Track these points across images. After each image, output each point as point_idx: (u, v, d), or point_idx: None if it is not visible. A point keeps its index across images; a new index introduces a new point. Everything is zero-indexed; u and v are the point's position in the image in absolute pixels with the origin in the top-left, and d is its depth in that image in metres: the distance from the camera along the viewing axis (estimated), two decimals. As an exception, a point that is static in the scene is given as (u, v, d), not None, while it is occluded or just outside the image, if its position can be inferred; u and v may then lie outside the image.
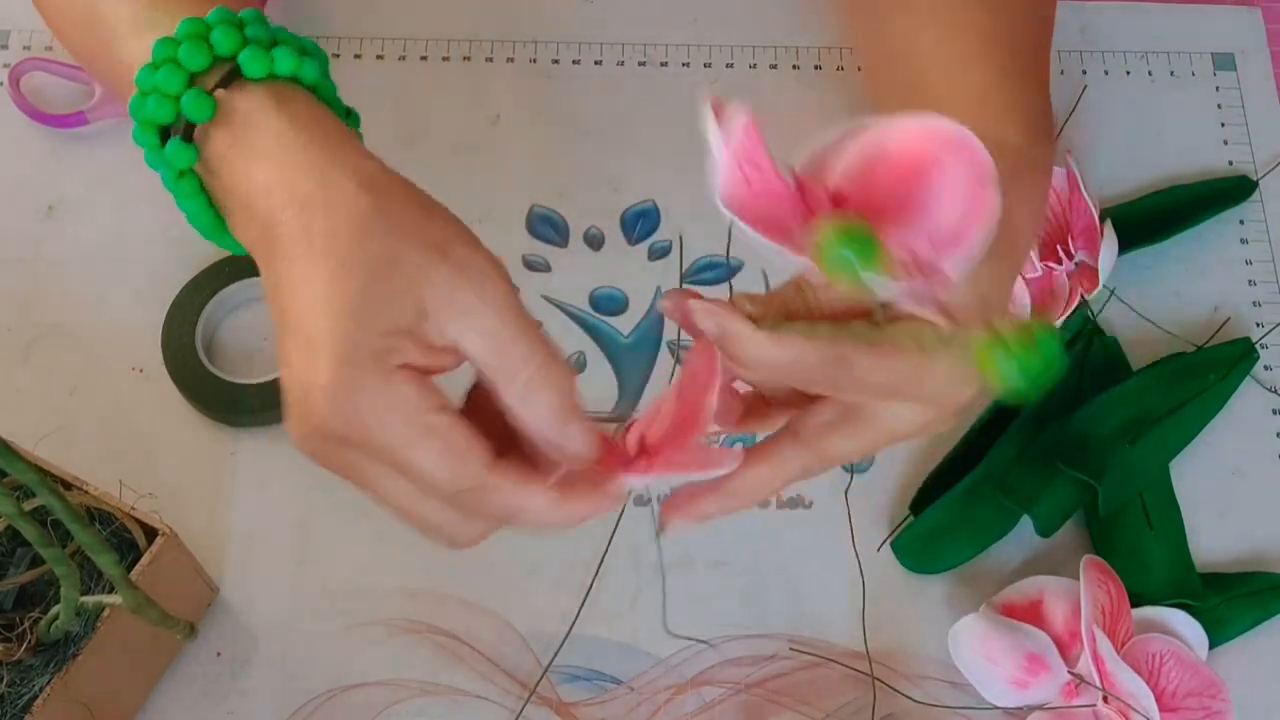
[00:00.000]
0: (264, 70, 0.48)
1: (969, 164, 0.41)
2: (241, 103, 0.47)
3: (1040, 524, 0.67)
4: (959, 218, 0.41)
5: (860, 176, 0.42)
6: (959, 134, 0.41)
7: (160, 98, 0.47)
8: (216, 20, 0.48)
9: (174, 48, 0.48)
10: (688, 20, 0.83)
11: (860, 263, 0.38)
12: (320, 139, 0.47)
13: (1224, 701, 0.62)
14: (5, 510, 0.44)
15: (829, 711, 0.64)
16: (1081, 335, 0.72)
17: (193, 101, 0.47)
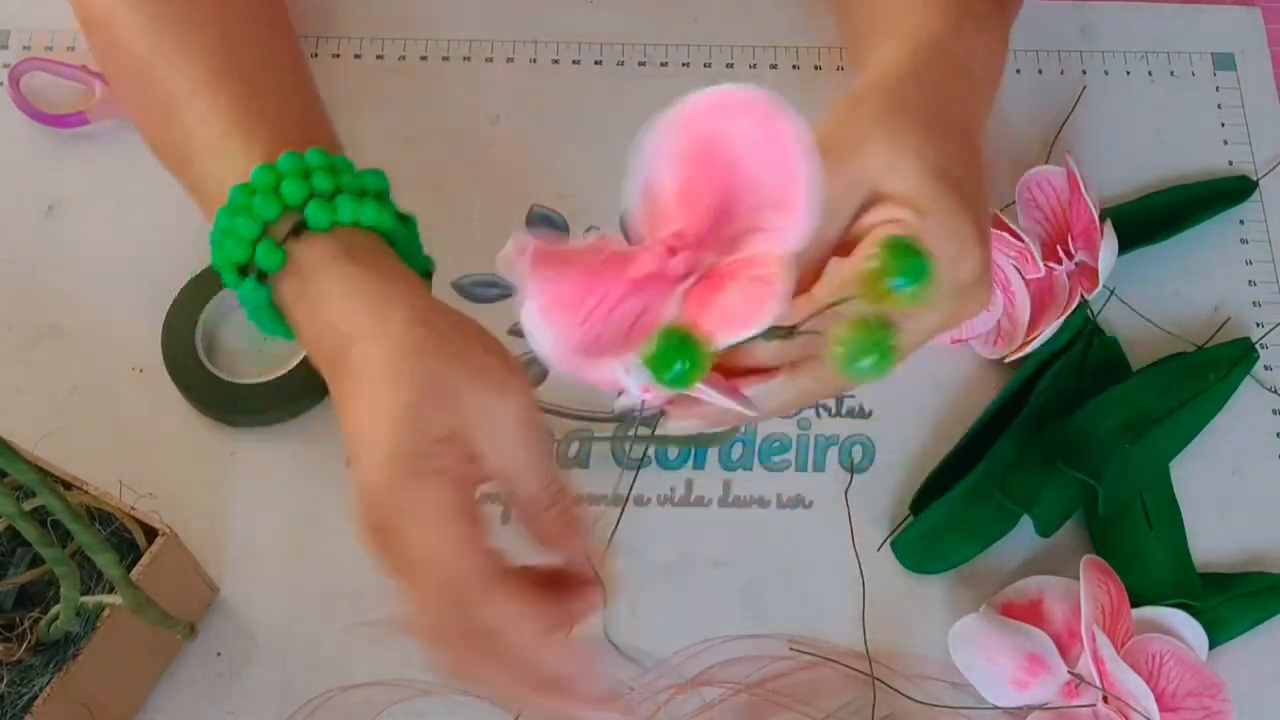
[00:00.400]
0: (328, 222, 0.53)
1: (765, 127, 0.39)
2: (307, 254, 0.53)
3: (1040, 524, 0.67)
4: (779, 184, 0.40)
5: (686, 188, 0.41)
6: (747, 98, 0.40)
7: (237, 241, 0.53)
8: (288, 169, 0.53)
9: (250, 195, 0.53)
10: (688, 20, 0.83)
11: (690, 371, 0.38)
12: (376, 279, 0.52)
13: (1224, 701, 0.62)
14: (5, 510, 0.44)
15: (829, 711, 0.64)
16: (1081, 335, 0.72)
17: (265, 253, 0.53)
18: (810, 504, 0.69)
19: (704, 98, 0.40)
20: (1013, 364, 0.72)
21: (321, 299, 0.52)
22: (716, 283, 0.40)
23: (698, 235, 0.40)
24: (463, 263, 0.73)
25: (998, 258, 0.71)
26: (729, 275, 0.40)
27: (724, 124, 0.40)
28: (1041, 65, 0.82)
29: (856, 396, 0.72)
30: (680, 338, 0.37)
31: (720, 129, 0.40)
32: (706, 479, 0.69)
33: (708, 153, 0.40)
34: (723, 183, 0.40)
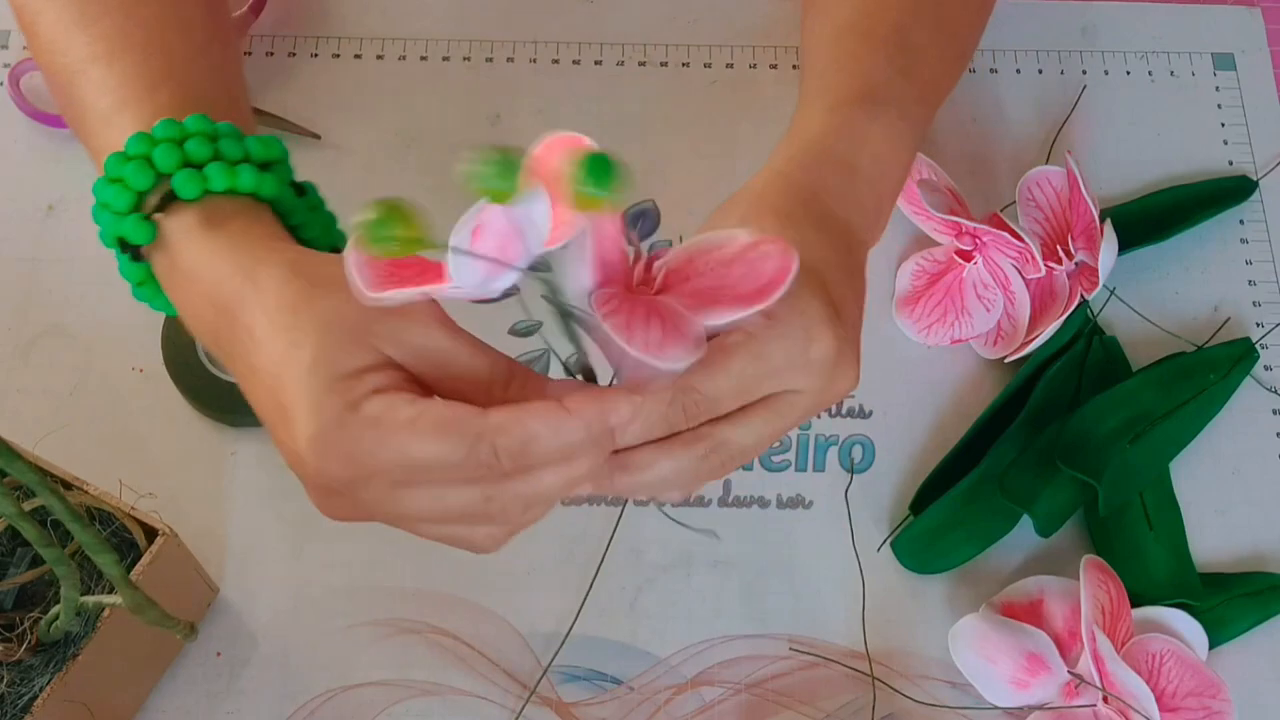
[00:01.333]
0: (197, 191, 0.51)
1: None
2: (172, 225, 0.51)
3: (1040, 524, 0.67)
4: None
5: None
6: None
7: (111, 214, 0.51)
8: (162, 136, 0.51)
9: (123, 165, 0.51)
10: (688, 20, 0.83)
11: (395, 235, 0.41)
12: (241, 243, 0.50)
13: (1224, 701, 0.62)
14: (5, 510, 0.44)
15: (829, 711, 0.64)
16: (1081, 335, 0.72)
17: (133, 226, 0.51)
18: (810, 504, 0.69)
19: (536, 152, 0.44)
20: (1013, 364, 0.72)
21: (191, 273, 0.50)
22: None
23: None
24: (463, 263, 0.73)
25: (998, 258, 0.71)
26: None
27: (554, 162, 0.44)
28: (1041, 65, 0.82)
29: (856, 396, 0.72)
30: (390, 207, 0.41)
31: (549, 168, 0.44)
32: (706, 479, 0.69)
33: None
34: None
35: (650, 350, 0.43)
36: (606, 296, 0.44)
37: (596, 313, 0.43)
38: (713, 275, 0.46)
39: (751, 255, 0.46)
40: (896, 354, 0.73)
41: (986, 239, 0.70)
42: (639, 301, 0.44)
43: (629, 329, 0.43)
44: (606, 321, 0.43)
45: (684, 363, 0.44)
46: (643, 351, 0.42)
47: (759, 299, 0.45)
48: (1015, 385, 0.71)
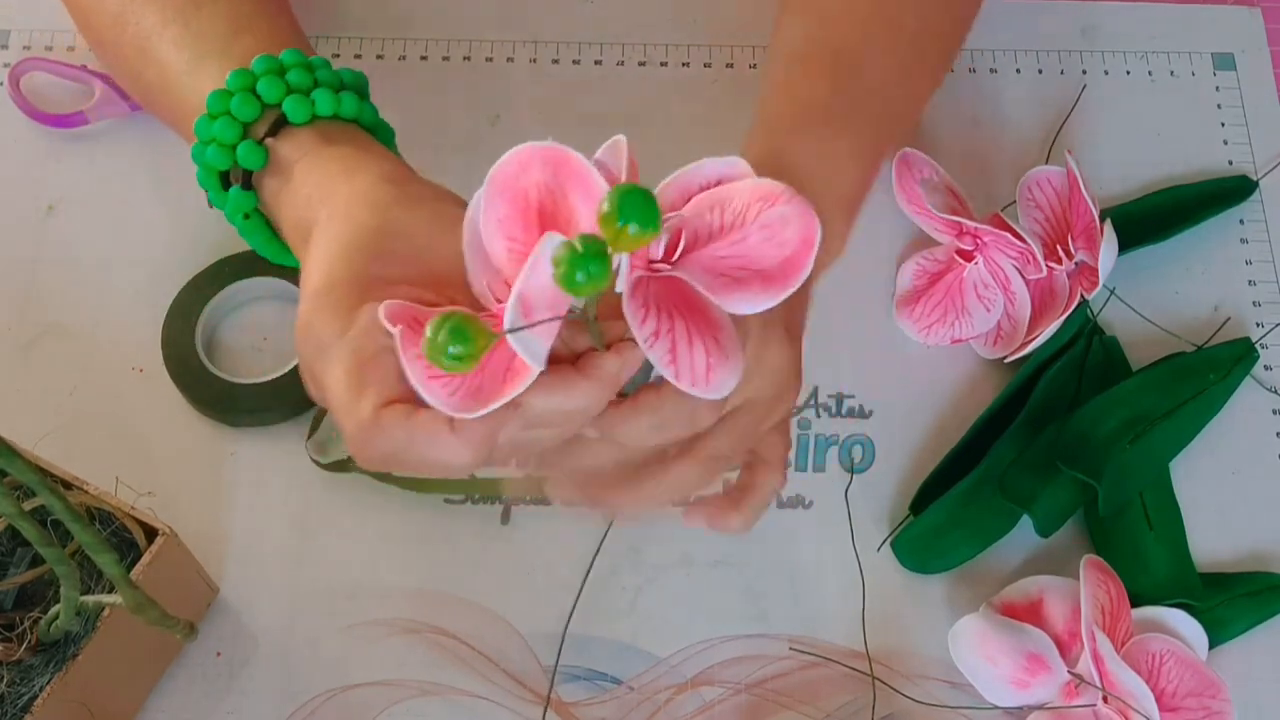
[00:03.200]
0: (306, 115, 0.54)
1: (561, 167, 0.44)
2: (287, 147, 0.54)
3: (1040, 524, 0.67)
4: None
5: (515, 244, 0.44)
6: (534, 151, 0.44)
7: (218, 147, 0.54)
8: (262, 70, 0.55)
9: (226, 100, 0.54)
10: (688, 20, 0.83)
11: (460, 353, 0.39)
12: (351, 151, 0.53)
13: (1224, 701, 0.62)
14: (5, 510, 0.44)
15: (829, 711, 0.64)
16: (1081, 335, 0.72)
17: (247, 152, 0.54)
18: (810, 504, 0.69)
19: (503, 167, 0.43)
20: (1013, 364, 0.72)
21: (301, 194, 0.52)
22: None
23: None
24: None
25: (999, 258, 0.71)
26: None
27: (526, 179, 0.44)
28: (1041, 65, 0.82)
29: (856, 396, 0.72)
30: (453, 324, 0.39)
31: (526, 186, 0.44)
32: (706, 479, 0.69)
33: (525, 208, 0.44)
34: (546, 228, 0.43)
35: (697, 382, 0.43)
36: (641, 311, 0.43)
37: (638, 337, 0.43)
38: (730, 242, 0.45)
39: (768, 217, 0.45)
40: (896, 354, 0.73)
41: (987, 239, 0.70)
42: (676, 315, 0.44)
43: (674, 360, 0.43)
44: (651, 353, 0.43)
45: (727, 390, 0.44)
46: (691, 385, 0.43)
47: (788, 278, 0.44)
48: (1015, 385, 0.71)
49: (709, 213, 0.46)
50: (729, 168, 0.48)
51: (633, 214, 0.38)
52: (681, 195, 0.47)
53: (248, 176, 0.55)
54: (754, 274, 0.45)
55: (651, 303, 0.44)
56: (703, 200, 0.47)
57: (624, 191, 0.39)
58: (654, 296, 0.44)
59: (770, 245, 0.45)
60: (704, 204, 0.46)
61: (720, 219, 0.46)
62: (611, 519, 0.65)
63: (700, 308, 0.44)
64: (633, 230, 0.38)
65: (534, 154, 0.44)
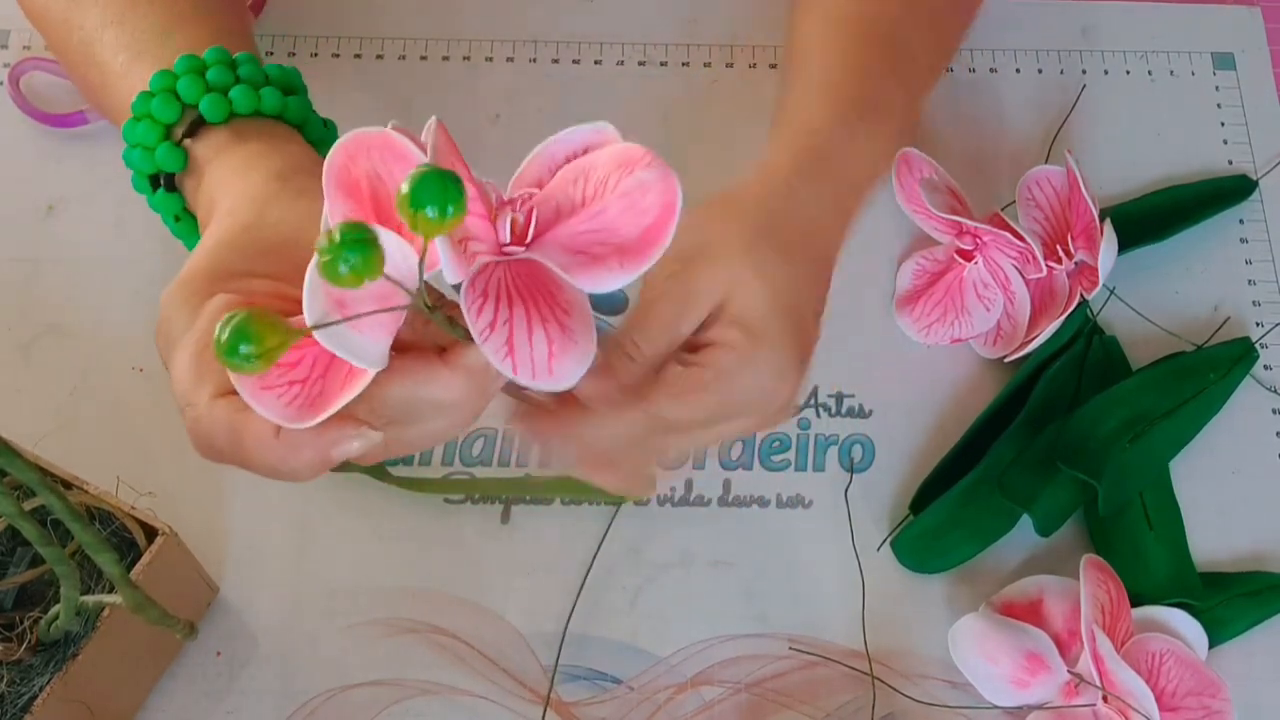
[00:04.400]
0: (223, 114, 0.53)
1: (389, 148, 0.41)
2: (203, 149, 0.53)
3: (1040, 523, 0.67)
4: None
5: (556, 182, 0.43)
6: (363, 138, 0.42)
7: (142, 150, 0.53)
8: (183, 70, 0.54)
9: (148, 102, 0.53)
10: (688, 20, 0.83)
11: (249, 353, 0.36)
12: (257, 153, 0.51)
13: (1224, 701, 0.62)
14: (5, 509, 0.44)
15: (829, 711, 0.64)
16: (1081, 335, 0.72)
17: (165, 154, 0.53)
18: (810, 503, 0.69)
19: (333, 159, 0.41)
20: (1012, 363, 0.72)
21: (212, 184, 0.52)
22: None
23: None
24: (463, 262, 0.73)
25: (999, 258, 0.71)
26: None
27: (359, 169, 0.41)
28: (1041, 65, 0.82)
29: (856, 396, 0.72)
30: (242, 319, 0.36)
31: (358, 174, 0.42)
32: (706, 478, 0.69)
33: (361, 199, 0.42)
34: (386, 215, 0.41)
35: (539, 376, 0.40)
36: (478, 301, 0.40)
37: (473, 331, 0.40)
38: (589, 214, 0.42)
39: (628, 184, 0.42)
40: (896, 354, 0.73)
41: (987, 238, 0.70)
42: (516, 302, 0.41)
43: (511, 353, 0.40)
44: (486, 347, 0.40)
45: (574, 380, 0.41)
46: (531, 378, 0.40)
47: (647, 250, 0.41)
48: (1015, 385, 0.71)
49: (572, 186, 0.43)
50: (595, 134, 0.44)
51: (429, 198, 0.35)
52: (548, 169, 0.45)
53: (170, 179, 0.54)
54: (613, 249, 0.41)
55: (492, 292, 0.40)
56: (567, 173, 0.44)
57: (421, 174, 0.36)
58: (498, 284, 0.41)
59: (629, 215, 0.42)
60: (568, 176, 0.44)
61: (582, 191, 0.43)
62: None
63: (552, 291, 0.41)
64: (431, 214, 0.35)
65: (358, 142, 0.41)
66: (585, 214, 0.42)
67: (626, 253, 0.41)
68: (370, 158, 0.42)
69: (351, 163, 0.42)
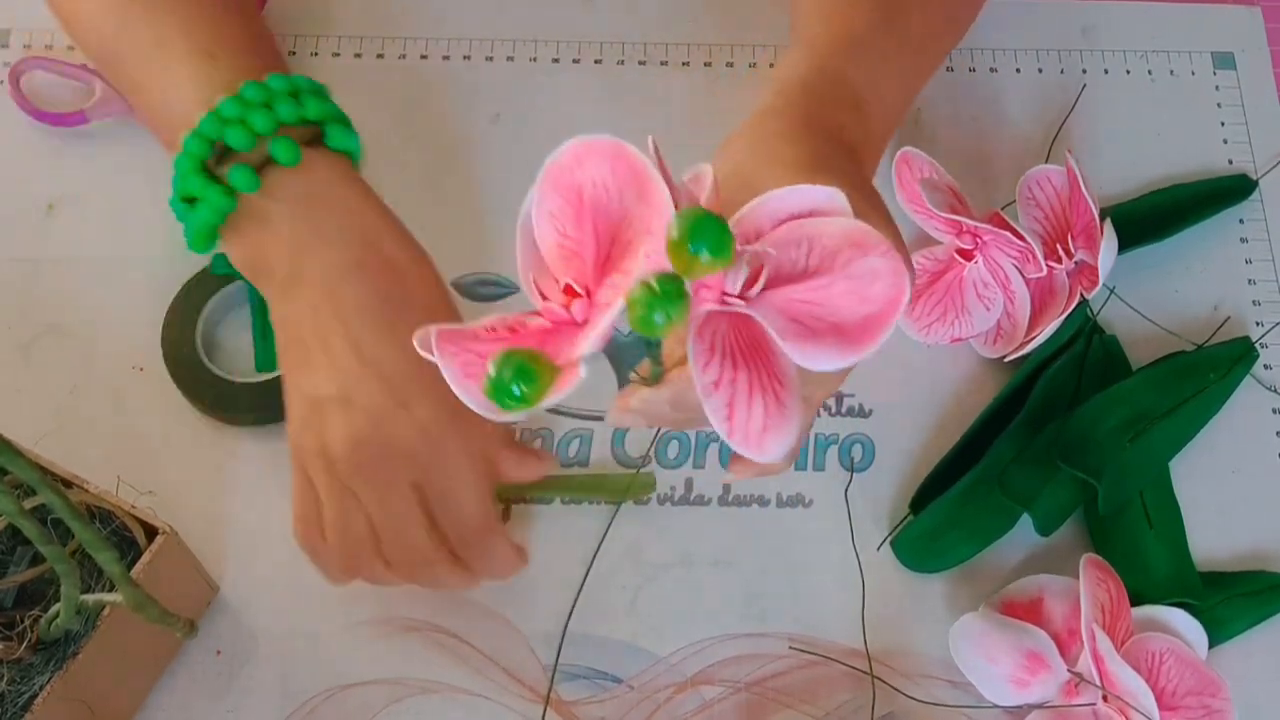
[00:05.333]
0: (343, 144, 0.60)
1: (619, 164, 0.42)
2: (322, 161, 0.59)
3: (1040, 523, 0.67)
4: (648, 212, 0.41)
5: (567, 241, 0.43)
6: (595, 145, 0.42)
7: (243, 129, 0.57)
8: (306, 88, 0.61)
9: (267, 94, 0.58)
10: (688, 20, 0.83)
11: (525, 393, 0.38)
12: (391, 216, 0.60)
13: (1224, 700, 0.62)
14: (6, 508, 0.44)
15: (829, 710, 0.64)
16: (1081, 334, 0.72)
17: (282, 147, 0.57)
18: (810, 503, 0.69)
19: (559, 158, 0.42)
20: (1012, 363, 0.72)
21: (338, 205, 0.58)
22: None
23: (586, 282, 0.42)
24: (463, 262, 0.73)
25: (999, 257, 0.71)
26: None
27: (581, 173, 0.42)
28: (1041, 65, 0.82)
29: (856, 396, 0.72)
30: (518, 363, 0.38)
31: (579, 179, 0.42)
32: (706, 478, 0.69)
33: (577, 203, 0.42)
34: (598, 225, 0.42)
35: (749, 444, 0.40)
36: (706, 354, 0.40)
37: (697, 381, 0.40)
38: (812, 286, 0.42)
39: (858, 268, 0.41)
40: (896, 353, 0.73)
41: (987, 238, 0.70)
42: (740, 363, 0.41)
43: (731, 416, 0.40)
44: (708, 402, 0.40)
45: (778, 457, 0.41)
46: (741, 445, 0.40)
47: (865, 338, 0.41)
48: (1015, 384, 0.71)
49: (794, 248, 0.42)
50: (826, 200, 0.43)
51: (704, 240, 0.36)
52: (769, 222, 0.44)
53: (266, 164, 0.58)
54: (830, 326, 0.41)
55: (718, 344, 0.41)
56: (788, 233, 0.43)
57: (696, 216, 0.36)
58: (721, 336, 0.41)
59: (854, 299, 0.41)
60: (789, 237, 0.43)
61: (805, 258, 0.42)
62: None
63: (767, 355, 0.41)
64: (704, 259, 0.36)
65: (590, 148, 0.42)
66: (808, 284, 0.42)
67: (844, 335, 0.41)
68: (600, 166, 0.41)
69: (577, 165, 0.42)
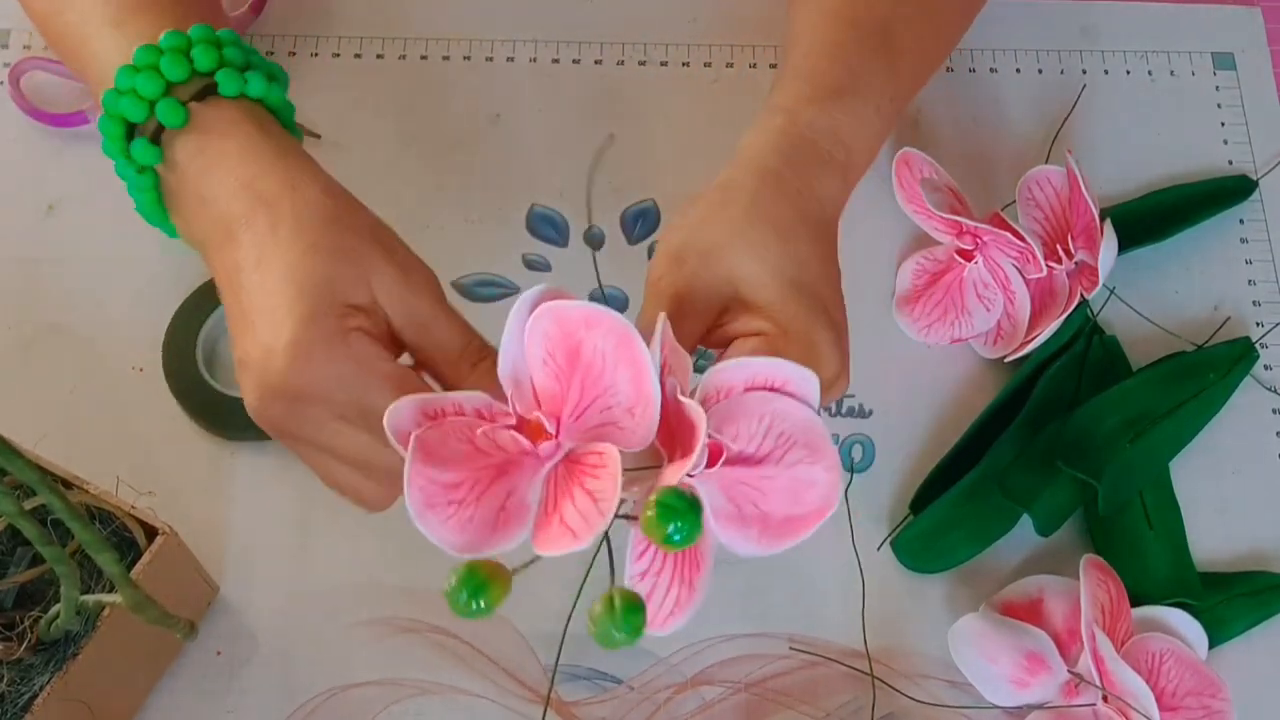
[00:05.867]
0: (236, 90, 0.55)
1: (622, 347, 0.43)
2: (214, 114, 0.55)
3: (1040, 523, 0.67)
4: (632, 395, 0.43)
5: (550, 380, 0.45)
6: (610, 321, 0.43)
7: (135, 99, 0.54)
8: (199, 38, 0.55)
9: (156, 56, 0.55)
10: (688, 20, 0.83)
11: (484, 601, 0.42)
12: (285, 152, 0.54)
13: (1224, 701, 0.62)
14: (6, 509, 0.44)
15: (829, 711, 0.64)
16: (1081, 334, 0.72)
17: (167, 109, 0.54)
18: (810, 503, 0.69)
19: (573, 311, 0.43)
20: (1012, 363, 0.72)
21: (222, 165, 0.53)
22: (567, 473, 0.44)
23: (559, 419, 0.44)
24: (463, 262, 0.73)
25: (999, 258, 0.71)
26: (578, 472, 0.44)
27: (587, 335, 0.43)
28: (1041, 65, 0.82)
29: (856, 396, 0.72)
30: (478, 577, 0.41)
31: (584, 338, 0.43)
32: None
33: (573, 355, 0.44)
34: (585, 384, 0.44)
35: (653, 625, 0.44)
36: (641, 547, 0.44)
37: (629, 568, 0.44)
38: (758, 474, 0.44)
39: (803, 472, 0.44)
40: (896, 354, 0.73)
41: (987, 238, 0.70)
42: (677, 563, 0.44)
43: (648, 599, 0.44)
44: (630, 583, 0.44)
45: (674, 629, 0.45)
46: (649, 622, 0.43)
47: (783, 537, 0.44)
48: (1015, 385, 0.71)
49: (756, 421, 0.45)
50: (799, 382, 0.46)
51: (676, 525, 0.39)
52: (741, 383, 0.46)
53: (159, 132, 0.55)
54: (759, 515, 0.44)
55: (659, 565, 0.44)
56: (756, 404, 0.45)
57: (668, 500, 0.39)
58: None
59: (788, 498, 0.44)
60: (755, 409, 0.45)
61: (761, 441, 0.45)
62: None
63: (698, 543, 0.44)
64: (676, 540, 0.39)
65: (604, 320, 0.43)
66: (755, 471, 0.44)
67: (767, 528, 0.44)
68: (605, 340, 0.43)
69: (586, 328, 0.43)
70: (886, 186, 0.76)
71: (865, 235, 0.76)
